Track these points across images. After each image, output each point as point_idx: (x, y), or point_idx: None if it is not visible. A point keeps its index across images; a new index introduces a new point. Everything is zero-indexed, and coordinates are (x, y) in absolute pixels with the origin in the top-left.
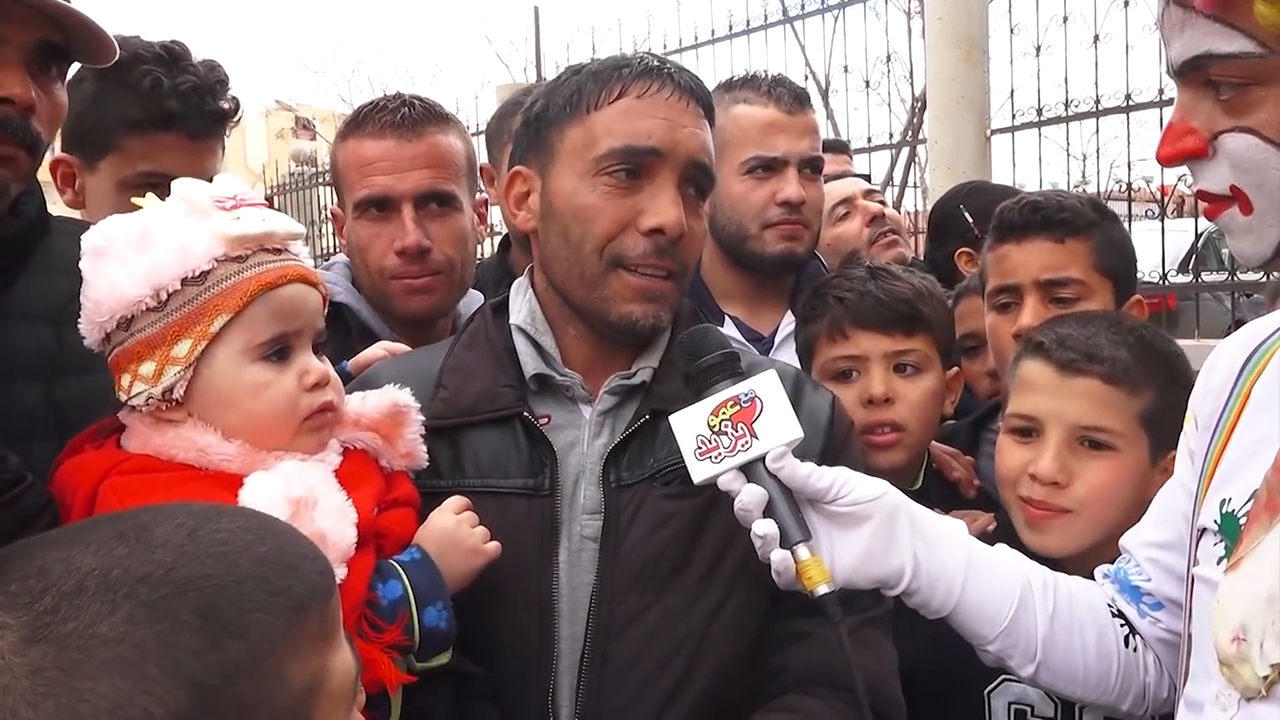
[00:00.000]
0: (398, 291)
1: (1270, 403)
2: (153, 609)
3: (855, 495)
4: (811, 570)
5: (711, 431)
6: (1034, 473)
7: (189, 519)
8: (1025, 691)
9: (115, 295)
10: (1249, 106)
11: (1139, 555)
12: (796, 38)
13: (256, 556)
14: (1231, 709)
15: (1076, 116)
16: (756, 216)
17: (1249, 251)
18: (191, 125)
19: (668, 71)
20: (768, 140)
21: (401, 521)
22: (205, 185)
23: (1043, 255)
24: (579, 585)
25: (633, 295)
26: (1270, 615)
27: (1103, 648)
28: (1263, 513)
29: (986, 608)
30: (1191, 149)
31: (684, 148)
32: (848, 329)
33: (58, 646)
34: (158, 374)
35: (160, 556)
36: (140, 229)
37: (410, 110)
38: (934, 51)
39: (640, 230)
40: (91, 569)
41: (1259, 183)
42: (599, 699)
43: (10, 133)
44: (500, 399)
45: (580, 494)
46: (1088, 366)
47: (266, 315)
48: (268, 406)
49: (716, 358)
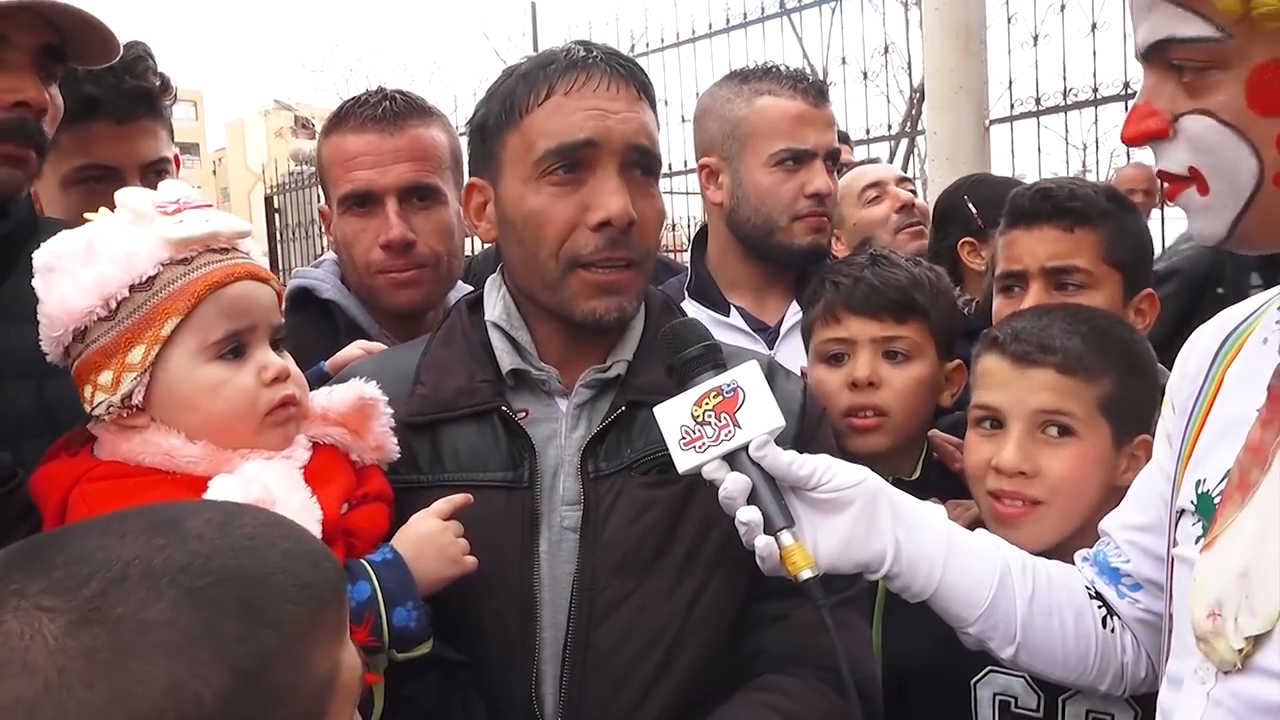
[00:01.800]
0: (384, 285)
1: (1243, 385)
2: (195, 596)
3: (837, 482)
4: (795, 555)
5: (695, 422)
6: (997, 464)
7: (216, 514)
8: (1010, 683)
9: (66, 308)
10: (1208, 89)
11: (1118, 538)
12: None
13: (283, 550)
14: (1210, 683)
15: (1075, 105)
16: (786, 209)
17: (1205, 231)
18: (115, 108)
19: (592, 60)
20: (798, 132)
21: (373, 518)
22: (148, 193)
23: (1050, 243)
24: (560, 575)
25: (593, 292)
26: (1243, 590)
27: (1081, 629)
28: (1235, 491)
29: (966, 591)
30: (1154, 130)
31: (619, 134)
32: (839, 313)
33: (109, 630)
34: (115, 382)
35: (196, 547)
36: (85, 241)
37: (391, 104)
38: (932, 42)
39: (589, 226)
40: (133, 557)
41: (1215, 164)
42: (583, 685)
43: (27, 135)
44: (478, 394)
45: (559, 485)
46: (1041, 357)
47: (217, 314)
48: (227, 405)
49: (699, 350)
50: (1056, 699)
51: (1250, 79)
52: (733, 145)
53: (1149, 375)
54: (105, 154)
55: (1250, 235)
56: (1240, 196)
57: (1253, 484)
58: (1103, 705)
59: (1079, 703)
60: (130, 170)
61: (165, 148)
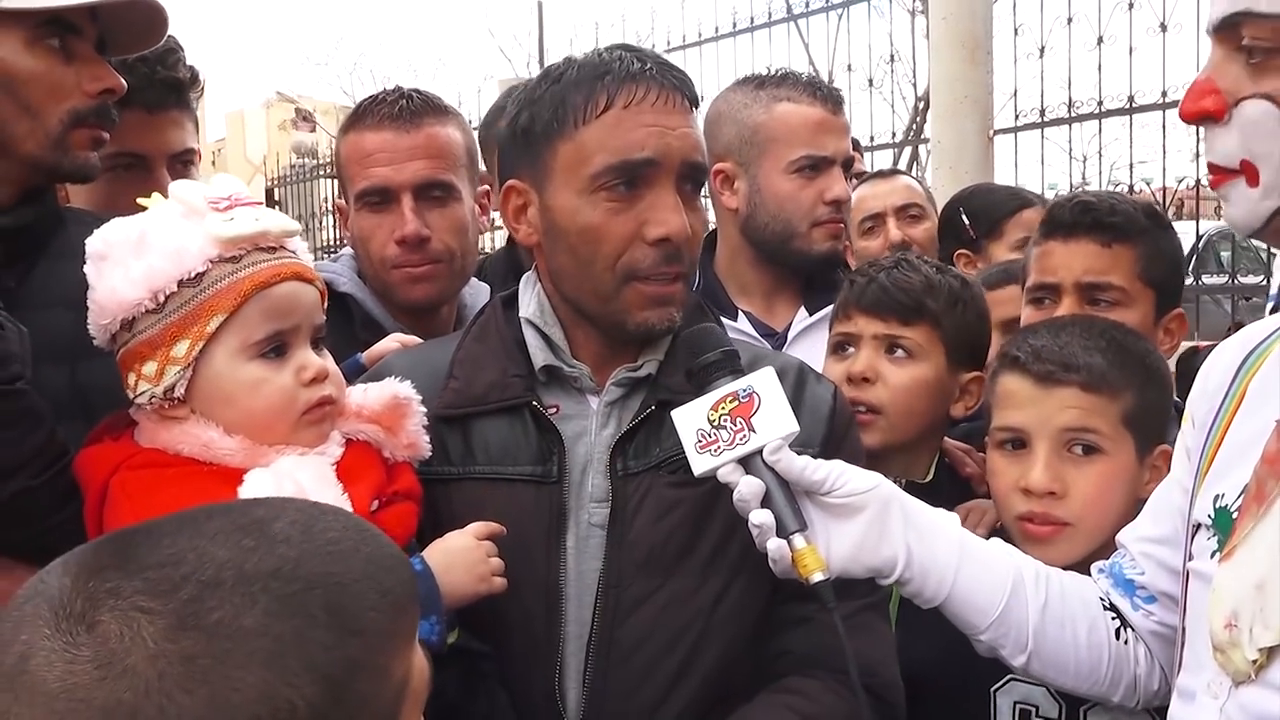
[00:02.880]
0: (398, 280)
1: (1263, 400)
2: (286, 603)
3: (850, 487)
4: (807, 559)
5: (711, 425)
6: (1026, 486)
7: (299, 514)
8: (1030, 691)
9: (116, 299)
10: (1275, 73)
11: (1134, 550)
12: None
13: (365, 556)
14: (1222, 696)
15: (1080, 118)
16: (806, 215)
17: (1241, 220)
18: (145, 97)
19: (649, 73)
20: (818, 140)
21: (402, 519)
22: (201, 186)
23: (1087, 258)
24: (586, 571)
25: (647, 304)
26: (1259, 601)
27: (1094, 639)
28: (1252, 503)
29: (978, 598)
30: (1211, 109)
31: (677, 151)
32: (850, 310)
33: (208, 635)
34: (159, 373)
35: (285, 551)
36: (138, 233)
37: (409, 103)
38: (938, 51)
39: (647, 241)
40: (225, 561)
41: (1268, 152)
42: (605, 681)
43: (111, 120)
44: (510, 389)
45: (588, 482)
46: (1065, 376)
47: (261, 314)
48: (265, 403)
49: (717, 355)
50: (1078, 709)
51: None
52: (750, 151)
53: (1165, 386)
54: (135, 142)
55: None
56: None
57: (1269, 495)
58: (1126, 717)
59: (1100, 714)
60: (158, 159)
61: (192, 139)
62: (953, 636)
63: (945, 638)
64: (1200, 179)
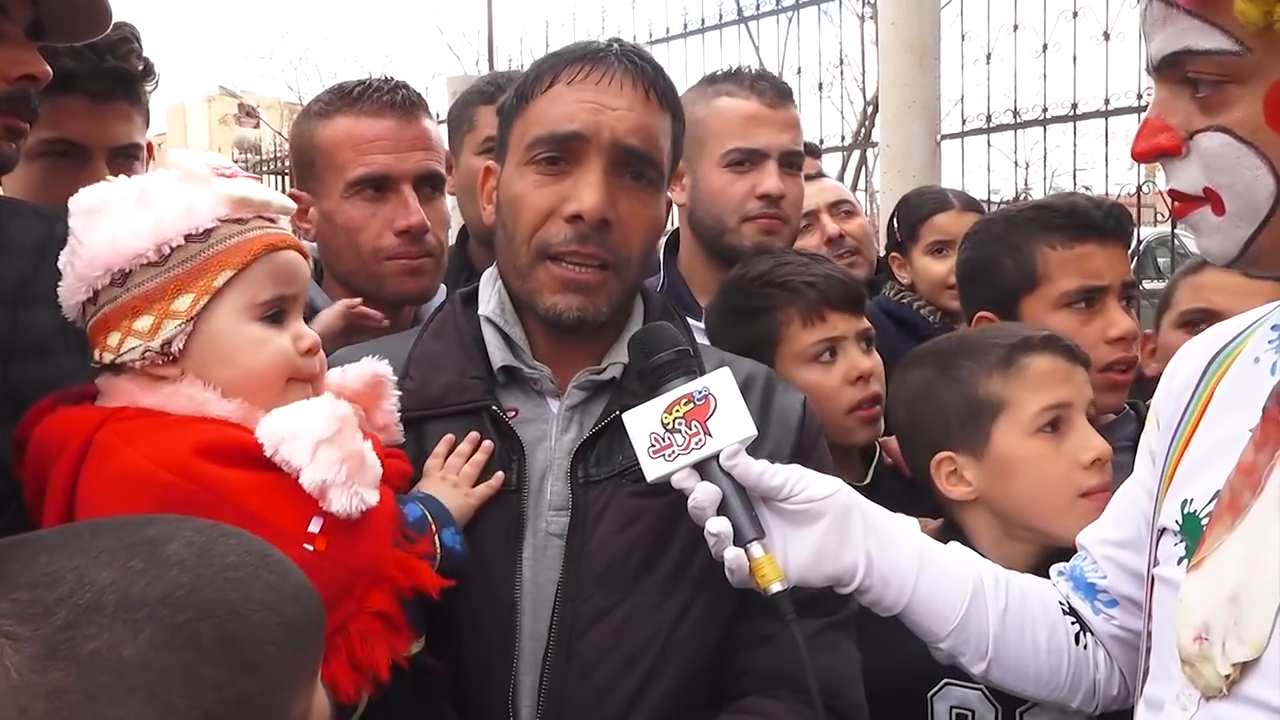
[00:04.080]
0: (393, 272)
1: (1233, 405)
2: (175, 633)
3: (809, 493)
4: (765, 568)
5: (665, 429)
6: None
7: (196, 536)
8: (966, 695)
9: (116, 249)
10: (1225, 104)
11: (1095, 553)
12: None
13: (266, 584)
14: (1191, 708)
15: (1025, 124)
16: (736, 209)
17: (1215, 250)
18: (91, 85)
19: (603, 55)
20: (748, 132)
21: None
22: (202, 155)
23: (1123, 260)
24: (543, 583)
25: (557, 286)
26: (1233, 615)
27: (1053, 644)
28: (1225, 513)
29: (938, 605)
30: (1166, 146)
31: (609, 130)
32: (825, 312)
33: (81, 667)
34: (155, 328)
35: (177, 576)
36: (139, 190)
37: (407, 92)
38: (887, 56)
39: (563, 217)
40: (108, 583)
41: (1230, 183)
42: (561, 699)
43: (30, 109)
44: (468, 391)
45: (547, 489)
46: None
47: (268, 276)
48: (267, 362)
49: (670, 355)
50: (1014, 711)
51: (1269, 95)
52: (693, 146)
53: None
54: (76, 130)
55: (1262, 256)
56: (1256, 216)
57: (1244, 506)
58: (1061, 718)
59: (1037, 715)
60: (98, 151)
61: (139, 133)
62: (889, 645)
63: (878, 647)
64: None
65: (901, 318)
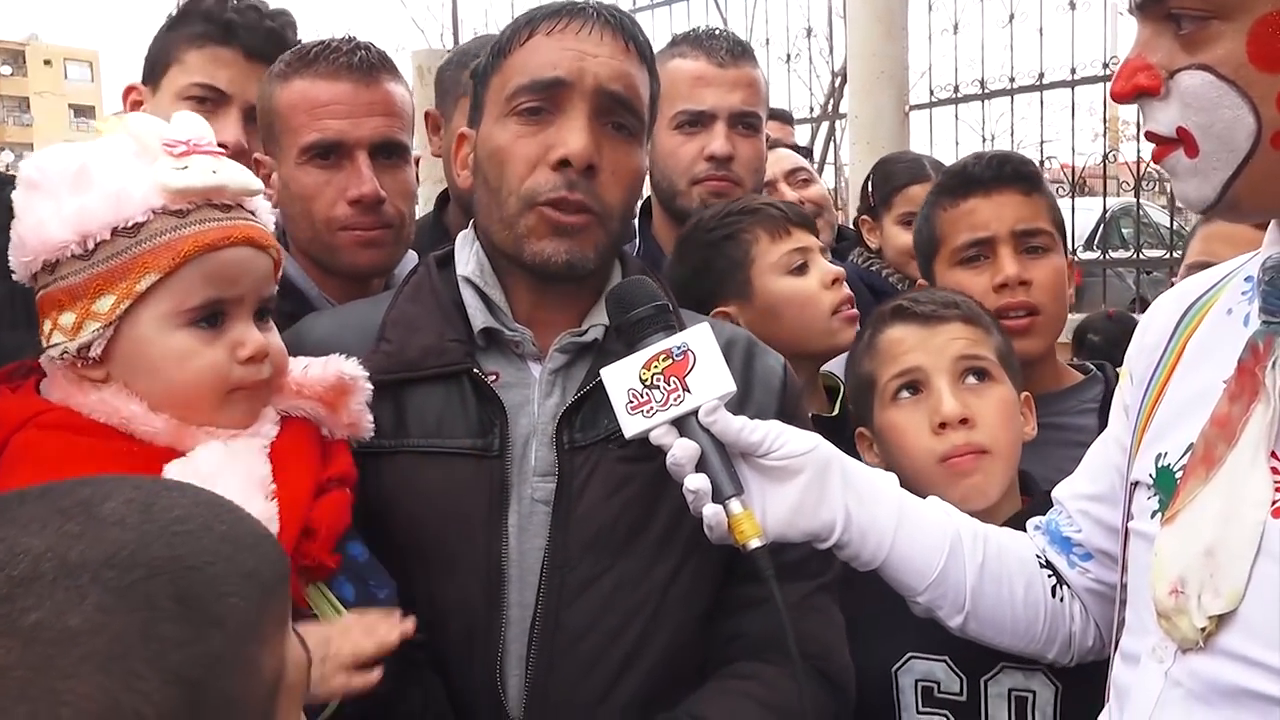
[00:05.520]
0: (346, 243)
1: (1206, 357)
2: (125, 595)
3: (788, 449)
4: (743, 524)
5: (643, 385)
6: (941, 419)
7: (135, 492)
8: (931, 668)
9: (41, 236)
10: (1208, 41)
11: (1070, 507)
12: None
13: (219, 534)
14: (1168, 661)
15: (992, 94)
16: (685, 172)
17: (1193, 195)
18: (249, 40)
19: (580, 6)
20: (695, 93)
21: (336, 509)
22: (159, 124)
23: (1016, 207)
24: (529, 550)
25: (545, 231)
26: (1208, 568)
27: (1030, 597)
28: (1199, 466)
29: (916, 560)
30: (1145, 85)
31: (592, 75)
32: (789, 228)
33: (23, 641)
34: (76, 327)
35: (119, 535)
36: (78, 165)
37: (368, 54)
38: (855, 26)
39: (549, 164)
40: (42, 551)
41: (1208, 123)
42: (550, 668)
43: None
44: (448, 354)
45: (531, 455)
46: (947, 313)
47: (201, 279)
48: (192, 378)
49: (648, 310)
50: (979, 680)
51: (1253, 30)
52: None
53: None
54: (228, 81)
55: (1241, 200)
56: (1235, 158)
57: (1218, 459)
58: (1024, 683)
59: (1001, 682)
60: (238, 104)
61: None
62: (852, 620)
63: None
64: (1105, 155)
65: (870, 284)
